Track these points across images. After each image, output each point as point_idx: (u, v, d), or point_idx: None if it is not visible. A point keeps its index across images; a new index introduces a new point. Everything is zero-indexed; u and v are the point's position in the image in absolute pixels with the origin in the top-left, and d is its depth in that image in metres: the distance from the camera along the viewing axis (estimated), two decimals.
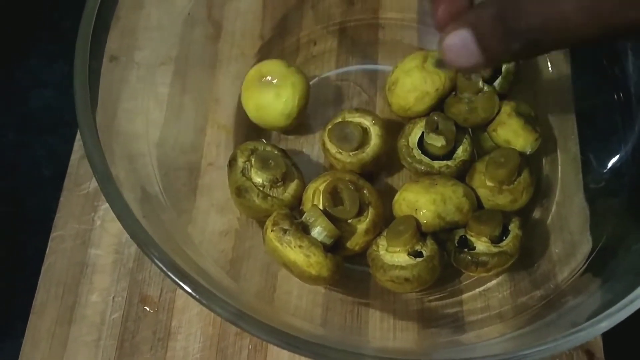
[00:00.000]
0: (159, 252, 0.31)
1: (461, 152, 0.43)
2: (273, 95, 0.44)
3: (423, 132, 0.43)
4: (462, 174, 0.43)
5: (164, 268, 0.30)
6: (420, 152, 0.43)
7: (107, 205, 0.44)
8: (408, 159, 0.43)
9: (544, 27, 0.26)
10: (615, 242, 0.41)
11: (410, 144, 0.43)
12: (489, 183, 0.41)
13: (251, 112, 0.45)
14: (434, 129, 0.42)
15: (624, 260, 0.39)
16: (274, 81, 0.44)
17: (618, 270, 0.39)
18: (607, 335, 0.42)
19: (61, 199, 0.45)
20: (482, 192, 0.42)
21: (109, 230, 0.44)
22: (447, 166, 0.42)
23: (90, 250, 0.44)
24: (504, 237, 0.40)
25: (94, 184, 0.46)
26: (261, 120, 0.45)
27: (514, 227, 0.40)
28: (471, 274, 0.41)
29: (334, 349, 0.30)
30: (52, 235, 0.44)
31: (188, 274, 0.30)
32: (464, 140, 0.43)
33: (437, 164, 0.43)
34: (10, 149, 0.50)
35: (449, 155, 0.43)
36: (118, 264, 0.43)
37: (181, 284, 0.30)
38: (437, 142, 0.42)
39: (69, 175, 0.46)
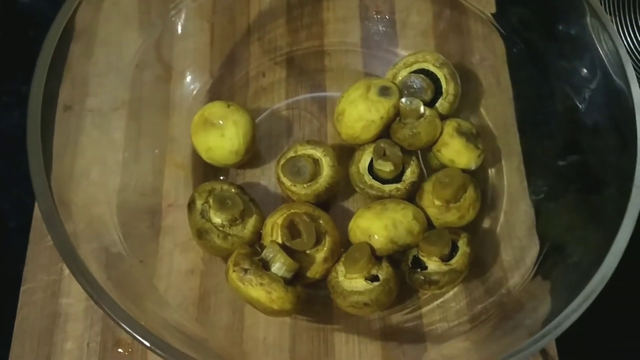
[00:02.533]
0: (123, 316, 0.32)
1: (409, 174, 0.45)
2: (218, 136, 0.46)
3: (372, 158, 0.45)
4: (412, 195, 0.45)
5: (130, 331, 0.32)
6: (371, 177, 0.45)
7: None
8: (360, 185, 0.45)
9: None
10: (561, 242, 0.44)
11: (361, 170, 0.46)
12: (436, 202, 0.44)
13: (203, 154, 0.47)
14: (382, 155, 0.44)
15: (571, 258, 0.42)
16: (217, 122, 0.46)
17: (566, 270, 0.42)
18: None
19: (28, 252, 0.46)
20: (431, 211, 0.44)
21: None
22: (397, 189, 0.45)
23: (61, 299, 0.45)
24: (454, 254, 0.42)
25: None
26: (213, 160, 0.47)
27: (462, 244, 0.42)
28: (425, 291, 0.43)
29: None
30: (23, 288, 0.45)
31: (156, 338, 0.32)
32: (411, 162, 0.45)
33: (387, 187, 0.45)
34: None
35: (398, 178, 0.45)
36: (90, 310, 0.44)
37: (149, 345, 0.32)
38: (385, 167, 0.44)
39: (34, 228, 0.47)
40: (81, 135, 0.44)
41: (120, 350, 0.44)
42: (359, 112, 0.45)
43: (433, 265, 0.41)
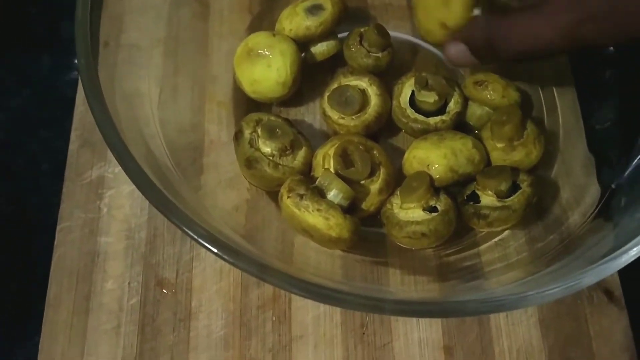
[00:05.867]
0: (184, 217, 0.30)
1: (453, 105, 0.43)
2: (264, 67, 0.43)
3: (413, 91, 0.43)
4: (457, 127, 0.43)
5: (190, 232, 0.30)
6: (413, 110, 0.43)
7: (112, 192, 0.44)
8: (403, 119, 0.43)
9: (520, 53, 0.37)
10: (623, 186, 0.41)
11: (403, 104, 0.43)
12: (499, 145, 0.41)
13: (247, 88, 0.45)
14: (424, 85, 0.42)
15: (635, 200, 0.40)
16: (263, 52, 0.44)
17: (630, 210, 0.39)
18: (624, 273, 0.42)
19: (64, 189, 0.44)
20: (496, 155, 0.41)
21: (116, 217, 0.43)
22: (443, 121, 0.42)
23: (99, 238, 0.43)
24: (513, 194, 0.40)
25: (95, 172, 0.45)
26: (258, 94, 0.45)
27: (525, 185, 0.39)
28: (474, 227, 0.41)
29: (357, 295, 0.30)
30: (59, 227, 0.43)
31: (214, 236, 0.30)
32: (454, 92, 0.43)
33: (432, 120, 0.42)
34: (3, 148, 0.49)
35: (442, 110, 0.43)
36: (130, 249, 0.42)
37: (208, 245, 0.30)
38: (429, 98, 0.42)
39: (69, 165, 0.45)
40: (121, 72, 0.42)
41: (164, 290, 0.41)
42: None
43: (486, 199, 0.39)
